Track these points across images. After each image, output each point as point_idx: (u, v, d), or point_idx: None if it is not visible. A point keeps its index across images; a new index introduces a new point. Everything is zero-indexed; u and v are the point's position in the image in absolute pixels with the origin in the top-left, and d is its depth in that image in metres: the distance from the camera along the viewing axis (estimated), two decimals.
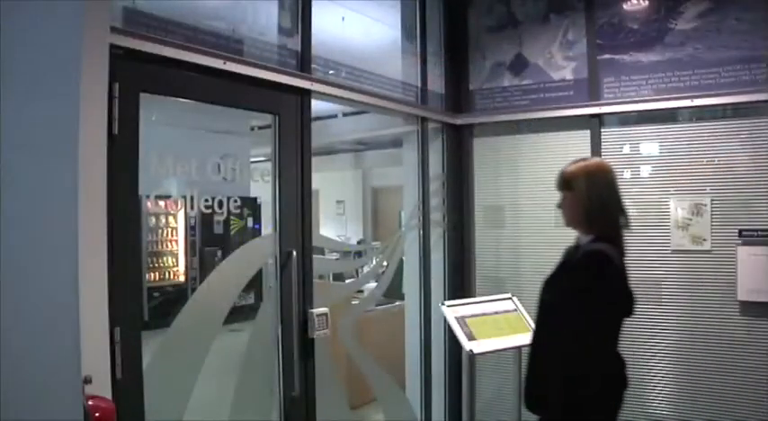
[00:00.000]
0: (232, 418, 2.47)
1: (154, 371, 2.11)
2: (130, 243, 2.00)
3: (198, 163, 2.32)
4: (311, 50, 2.79)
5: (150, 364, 2.11)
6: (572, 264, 1.93)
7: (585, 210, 1.95)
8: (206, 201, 2.36)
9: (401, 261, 3.65)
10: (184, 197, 2.31)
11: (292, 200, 2.66)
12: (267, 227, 2.99)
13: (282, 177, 2.61)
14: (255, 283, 2.68)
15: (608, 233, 1.93)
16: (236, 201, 2.45)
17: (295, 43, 2.75)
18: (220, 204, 2.41)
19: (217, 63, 2.29)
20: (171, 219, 5.79)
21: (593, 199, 1.93)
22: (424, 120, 3.65)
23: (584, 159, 2.07)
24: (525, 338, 2.95)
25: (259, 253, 2.67)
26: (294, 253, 2.59)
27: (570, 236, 3.52)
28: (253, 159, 3.02)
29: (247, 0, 2.57)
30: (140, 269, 2.04)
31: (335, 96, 2.91)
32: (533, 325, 2.98)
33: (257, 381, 2.60)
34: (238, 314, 2.58)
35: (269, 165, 2.63)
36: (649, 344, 3.30)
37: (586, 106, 3.46)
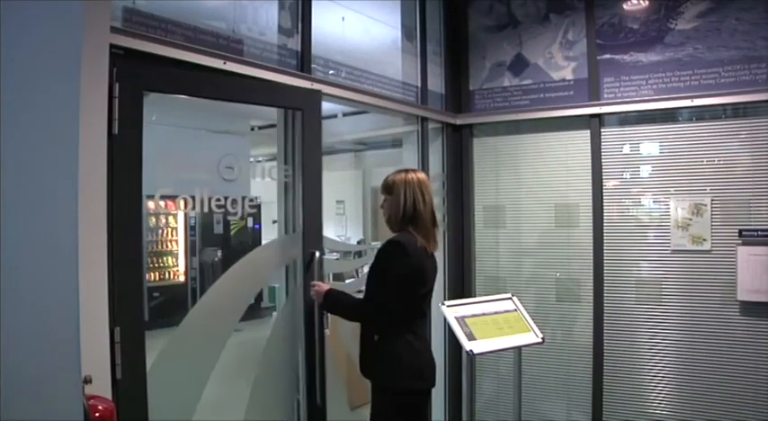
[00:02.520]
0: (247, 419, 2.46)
1: (161, 370, 2.10)
2: (131, 243, 1.99)
3: (198, 163, 2.32)
4: (311, 50, 2.79)
5: (155, 364, 2.10)
6: (379, 249, 2.37)
7: (400, 211, 2.33)
8: (206, 200, 2.35)
9: None
10: (184, 197, 2.30)
11: (315, 199, 2.64)
12: (266, 227, 2.98)
13: (306, 176, 2.60)
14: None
15: (417, 231, 2.32)
16: (235, 200, 2.45)
17: (295, 43, 2.76)
18: (220, 204, 2.40)
19: (216, 63, 2.29)
20: (171, 219, 5.79)
21: (408, 203, 2.31)
22: (424, 120, 3.65)
23: (406, 170, 2.39)
24: (525, 338, 2.95)
25: (281, 253, 2.64)
26: (317, 254, 2.59)
27: (570, 236, 3.54)
28: (251, 159, 3.02)
29: (247, 0, 2.57)
30: (141, 269, 2.04)
31: (335, 96, 2.91)
32: (532, 323, 3.00)
33: (276, 382, 2.57)
34: None
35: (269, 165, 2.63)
36: (649, 345, 3.30)
37: (586, 106, 3.46)
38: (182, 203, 2.32)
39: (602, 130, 3.45)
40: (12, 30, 1.07)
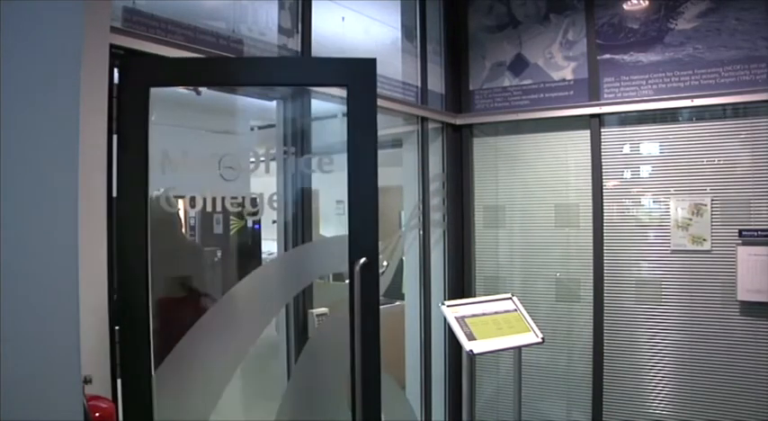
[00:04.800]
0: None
1: (170, 371, 2.08)
2: (135, 242, 1.96)
3: (198, 163, 2.32)
4: (311, 50, 2.79)
5: (165, 364, 2.08)
6: None
7: None
8: (206, 200, 2.34)
9: (401, 261, 3.65)
10: (185, 197, 2.30)
11: (369, 197, 2.16)
12: (266, 227, 2.98)
13: (356, 163, 2.15)
14: None
15: None
16: (238, 198, 2.43)
17: (295, 43, 2.76)
18: (219, 204, 2.39)
19: None
20: None
21: None
22: (424, 120, 3.65)
23: None
24: (525, 338, 2.95)
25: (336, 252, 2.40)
26: (361, 262, 2.15)
27: (570, 236, 3.54)
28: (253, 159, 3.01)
29: (247, 0, 2.57)
30: (146, 269, 2.00)
31: (335, 96, 2.91)
32: (532, 323, 3.00)
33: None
34: None
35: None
36: (649, 345, 3.30)
37: (586, 106, 3.46)
38: (182, 203, 2.31)
39: (602, 130, 3.45)
40: (11, 29, 1.07)
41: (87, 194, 1.71)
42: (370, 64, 2.14)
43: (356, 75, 2.13)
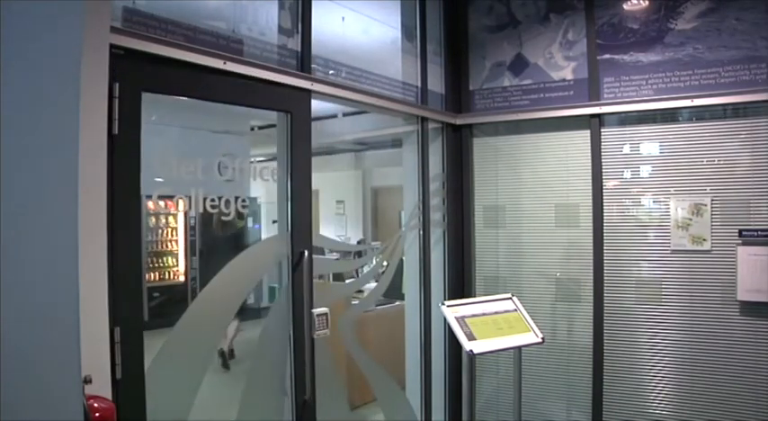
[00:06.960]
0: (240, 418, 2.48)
1: (159, 369, 2.11)
2: (131, 243, 2.00)
3: (198, 163, 2.32)
4: (311, 50, 2.79)
5: (154, 363, 2.11)
6: None
7: None
8: (208, 200, 2.35)
9: (401, 261, 3.65)
10: (183, 197, 2.31)
11: (305, 199, 2.69)
12: (266, 227, 2.99)
13: (295, 176, 2.64)
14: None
15: None
16: (243, 200, 2.46)
17: (295, 43, 2.76)
18: (221, 204, 2.40)
19: (216, 63, 2.29)
20: (171, 219, 5.79)
21: None
22: (424, 120, 3.65)
23: None
24: (525, 338, 2.95)
25: (271, 252, 2.68)
26: (306, 253, 2.62)
27: (570, 236, 3.55)
28: (251, 159, 3.02)
29: (247, 0, 2.57)
30: (141, 269, 2.04)
31: (335, 96, 2.92)
32: (532, 323, 3.00)
33: (268, 379, 2.60)
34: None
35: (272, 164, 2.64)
36: (649, 344, 3.30)
37: (586, 106, 3.46)
38: (181, 203, 2.32)
39: (602, 130, 3.45)
40: (12, 30, 1.08)
41: (87, 194, 1.71)
42: (305, 94, 2.69)
43: (296, 103, 2.66)
